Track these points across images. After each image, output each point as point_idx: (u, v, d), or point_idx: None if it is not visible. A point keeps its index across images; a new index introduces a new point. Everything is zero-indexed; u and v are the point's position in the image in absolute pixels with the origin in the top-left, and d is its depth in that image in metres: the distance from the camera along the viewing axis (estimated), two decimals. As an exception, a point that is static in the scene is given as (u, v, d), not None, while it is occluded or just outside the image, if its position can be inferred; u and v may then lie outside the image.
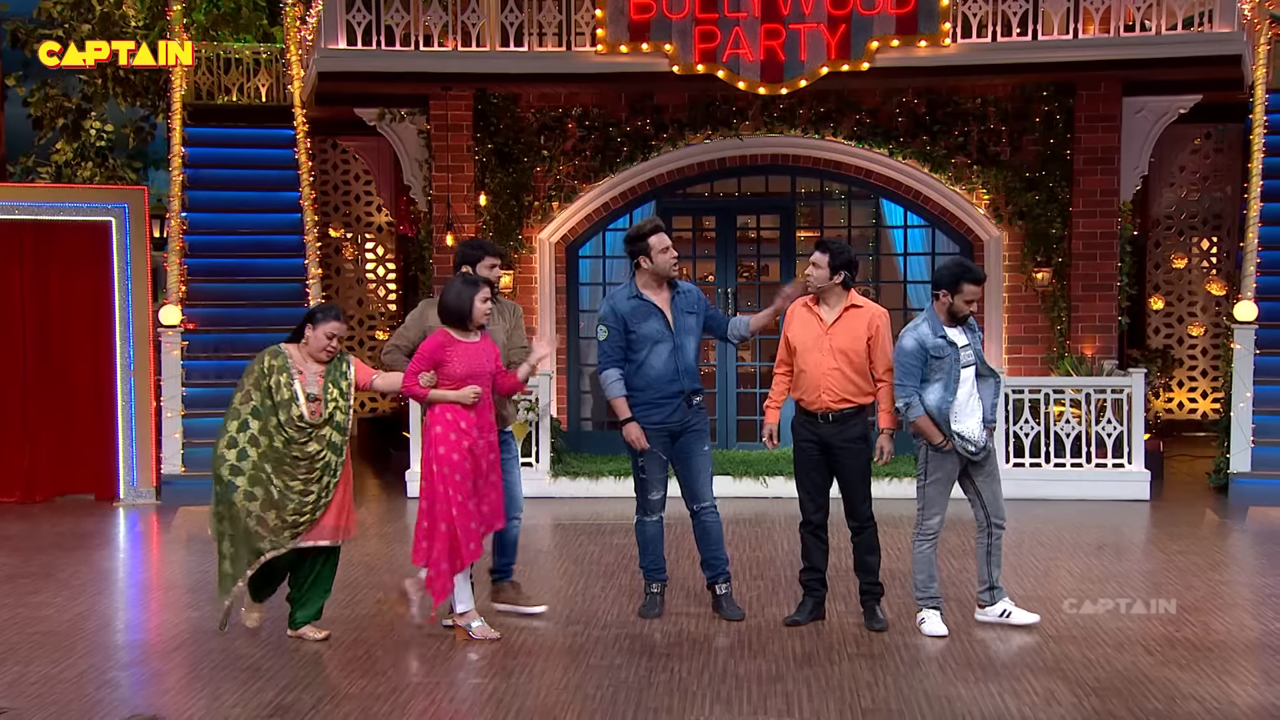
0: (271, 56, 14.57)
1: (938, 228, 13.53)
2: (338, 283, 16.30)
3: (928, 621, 7.33)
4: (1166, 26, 12.20)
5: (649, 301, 7.51)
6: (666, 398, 7.46)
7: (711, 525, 7.63)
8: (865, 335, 7.26)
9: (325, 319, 7.15)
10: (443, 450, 7.06)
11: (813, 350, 7.29)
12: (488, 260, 7.60)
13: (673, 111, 13.36)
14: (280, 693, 6.36)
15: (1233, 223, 14.98)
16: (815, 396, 7.28)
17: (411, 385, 7.13)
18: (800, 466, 7.45)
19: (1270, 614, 7.71)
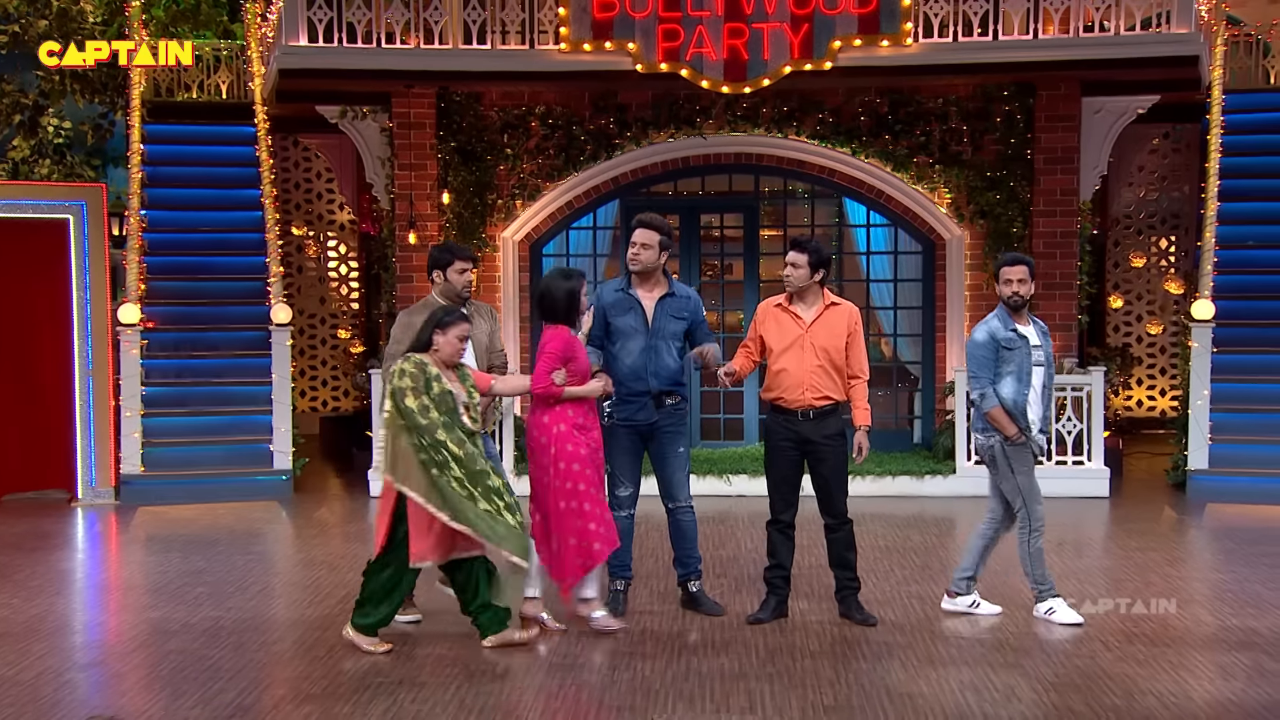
0: (232, 53, 14.46)
1: (900, 227, 13.60)
2: (300, 281, 16.20)
3: (1057, 611, 7.41)
4: (1125, 27, 12.31)
5: (633, 295, 7.54)
6: (634, 395, 7.47)
7: (687, 524, 7.66)
8: (845, 333, 7.35)
9: (452, 322, 6.93)
10: (570, 448, 7.04)
11: (794, 349, 7.33)
12: (458, 264, 7.57)
13: (636, 110, 13.35)
14: (241, 693, 6.32)
15: (1190, 222, 15.13)
16: (799, 395, 7.31)
17: (549, 385, 7.00)
18: (775, 464, 7.47)
19: (1227, 610, 7.80)
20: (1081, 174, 13.16)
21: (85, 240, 12.15)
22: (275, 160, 14.33)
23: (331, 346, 16.42)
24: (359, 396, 15.45)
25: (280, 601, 8.36)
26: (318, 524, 11.11)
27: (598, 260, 14.05)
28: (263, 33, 13.83)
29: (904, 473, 12.03)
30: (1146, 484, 12.64)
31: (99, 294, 12.12)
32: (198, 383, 12.79)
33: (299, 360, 15.81)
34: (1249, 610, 7.77)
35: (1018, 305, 7.39)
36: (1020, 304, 7.39)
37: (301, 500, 12.05)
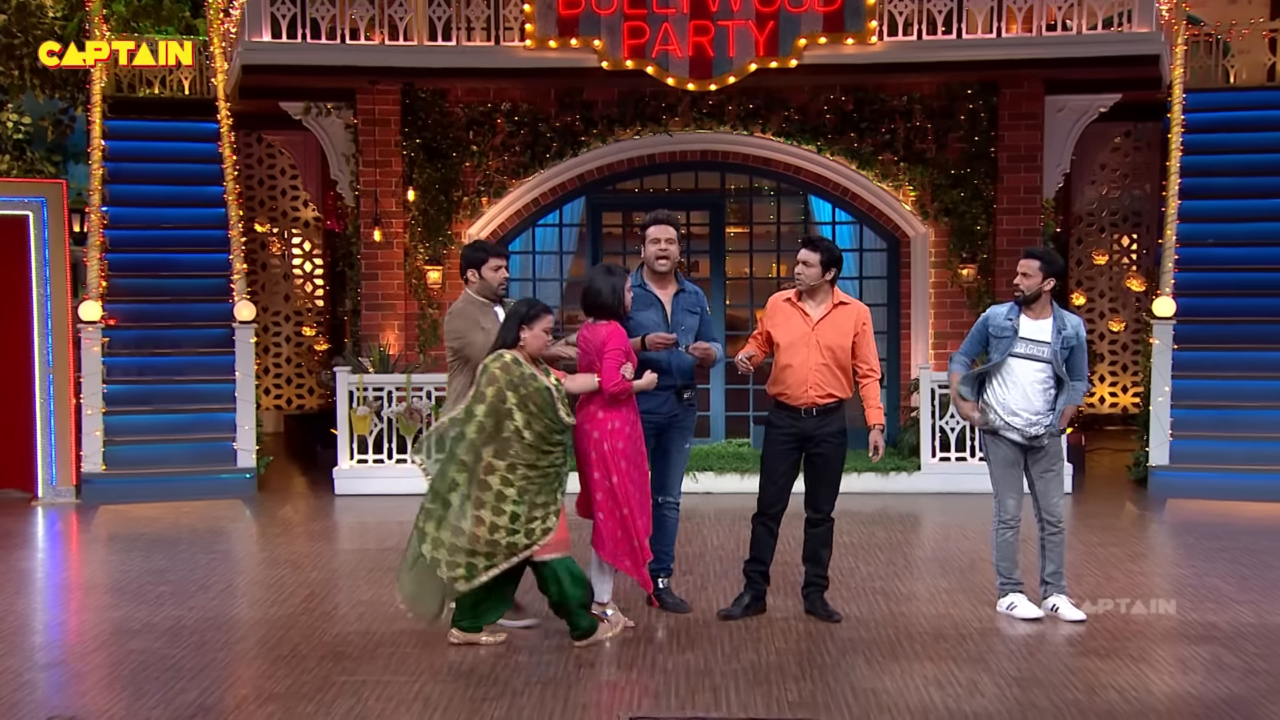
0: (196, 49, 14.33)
1: (865, 224, 13.65)
2: (264, 278, 16.10)
3: (1017, 606, 7.47)
4: (1087, 26, 12.40)
5: (650, 292, 7.53)
6: (658, 389, 7.43)
7: (672, 521, 7.68)
8: (852, 332, 7.35)
9: (538, 315, 6.84)
10: (622, 445, 7.02)
11: (799, 346, 7.33)
12: (493, 261, 7.50)
13: (602, 107, 13.35)
14: (203, 693, 6.27)
15: (1152, 220, 15.26)
16: (802, 392, 7.31)
17: (621, 381, 6.95)
18: (771, 459, 7.46)
19: (1187, 604, 7.86)
20: (1045, 172, 13.26)
21: (45, 237, 12.02)
22: (239, 157, 14.23)
23: (296, 344, 16.33)
24: (324, 394, 15.38)
25: (243, 600, 8.30)
26: (281, 522, 11.04)
27: (564, 258, 14.05)
28: (225, 28, 13.74)
29: (869, 470, 12.06)
30: (1108, 480, 12.74)
31: (59, 291, 12.00)
32: (160, 380, 12.69)
33: (263, 358, 15.71)
34: (1208, 605, 7.84)
35: (1018, 298, 7.45)
36: (1022, 297, 7.42)
37: (265, 498, 11.98)
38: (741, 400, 13.72)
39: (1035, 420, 7.38)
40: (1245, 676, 6.50)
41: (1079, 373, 7.43)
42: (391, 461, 12.08)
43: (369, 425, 12.04)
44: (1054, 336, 7.36)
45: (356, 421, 12.03)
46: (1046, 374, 7.37)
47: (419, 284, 13.38)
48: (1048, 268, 7.39)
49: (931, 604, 7.85)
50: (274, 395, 16.17)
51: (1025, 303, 7.44)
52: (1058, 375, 7.36)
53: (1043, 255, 7.48)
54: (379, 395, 12.10)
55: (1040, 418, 7.38)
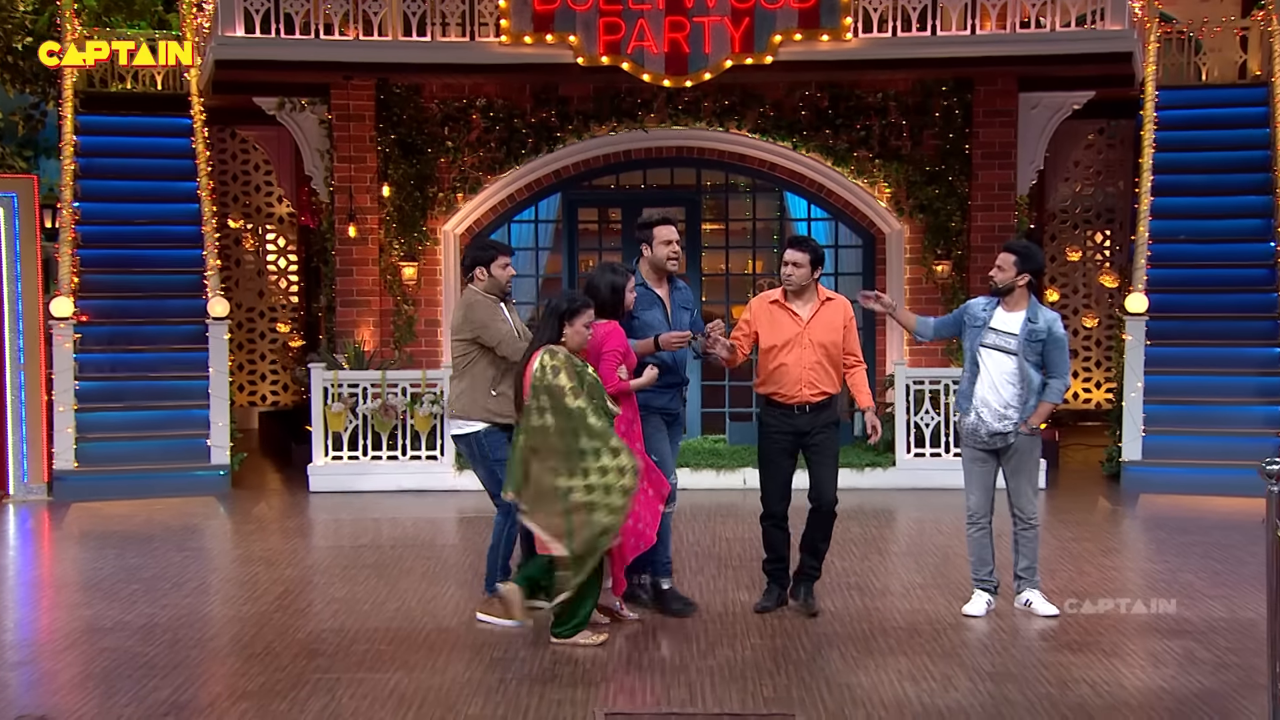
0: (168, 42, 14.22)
1: (840, 220, 13.68)
2: (238, 274, 16.01)
3: (970, 602, 7.54)
4: (1061, 24, 12.45)
5: (653, 291, 7.55)
6: (665, 387, 7.48)
7: (666, 519, 7.64)
8: (842, 326, 7.46)
9: (579, 309, 6.85)
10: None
11: (792, 346, 7.37)
12: (501, 259, 7.58)
13: (578, 103, 13.33)
14: (176, 691, 6.24)
15: (1125, 216, 15.33)
16: (796, 390, 7.36)
17: (618, 382, 6.99)
18: (771, 459, 7.49)
19: (1159, 598, 7.91)
20: (1019, 169, 13.31)
21: (16, 232, 11.95)
22: (212, 152, 14.15)
23: (270, 340, 16.25)
24: (298, 391, 15.31)
25: (217, 598, 8.26)
26: (255, 520, 11.00)
27: (540, 254, 14.02)
28: (198, 23, 13.65)
29: (845, 465, 11.97)
30: (1082, 475, 12.80)
31: (30, 287, 11.92)
32: (133, 377, 12.61)
33: (237, 354, 15.63)
34: (1181, 600, 7.89)
35: (993, 290, 7.49)
36: (995, 289, 7.46)
37: (239, 496, 11.92)
38: (717, 396, 13.73)
39: (1004, 412, 7.39)
40: (1217, 670, 6.55)
41: (1056, 370, 7.41)
42: (366, 458, 12.04)
43: (344, 422, 12.00)
44: (1021, 328, 7.37)
45: (331, 418, 11.99)
46: (1015, 366, 7.37)
47: (394, 280, 13.34)
48: (1023, 263, 7.39)
49: (906, 599, 7.87)
50: (248, 392, 16.09)
51: (1000, 295, 7.47)
52: (1027, 369, 7.35)
53: (1020, 250, 7.48)
54: (354, 392, 12.06)
55: (1009, 410, 7.38)
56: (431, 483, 11.96)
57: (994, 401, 7.40)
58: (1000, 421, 7.39)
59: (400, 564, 9.00)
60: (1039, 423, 7.44)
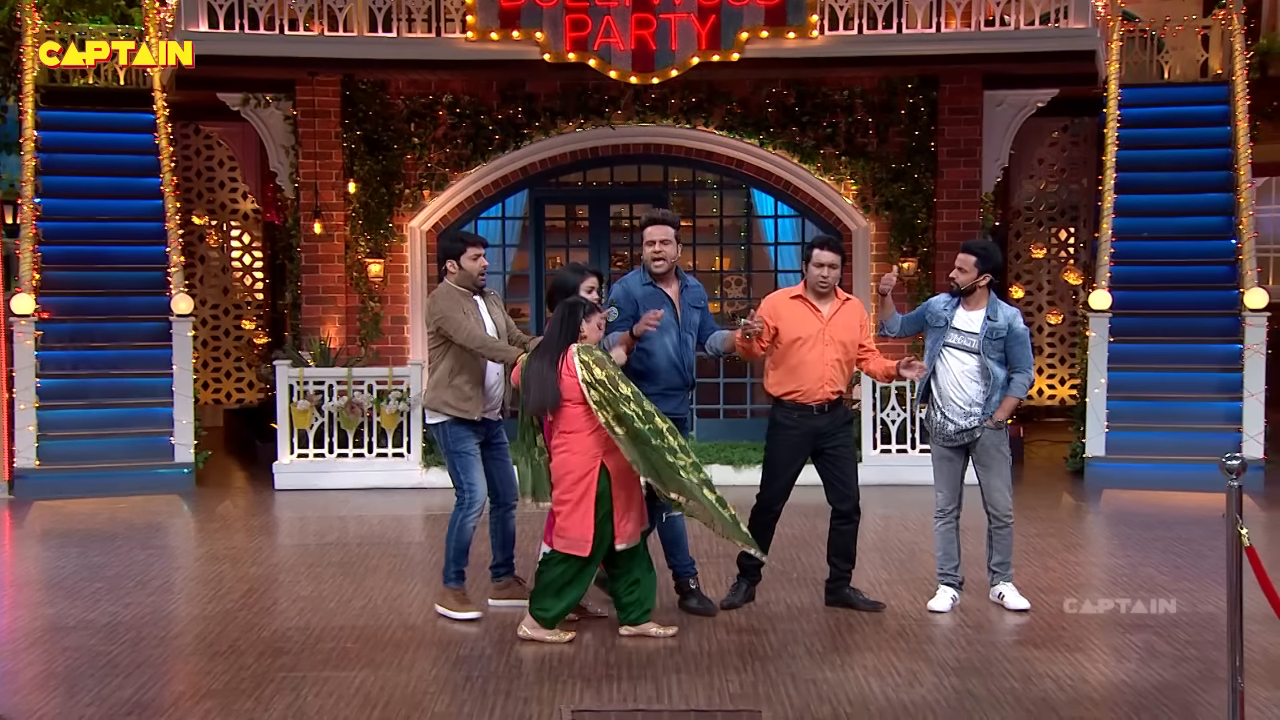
0: (130, 38, 14.10)
1: (807, 218, 13.72)
2: (202, 271, 15.91)
3: (935, 598, 7.58)
4: (1025, 22, 12.52)
5: (661, 290, 7.48)
6: (673, 389, 7.44)
7: (680, 521, 7.62)
8: (859, 324, 7.49)
9: (591, 310, 6.90)
10: None
11: (814, 344, 7.36)
12: (471, 250, 7.49)
13: (545, 100, 13.31)
14: (139, 690, 6.20)
15: (1088, 214, 15.45)
16: (819, 388, 7.36)
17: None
18: (783, 458, 7.46)
19: (1122, 593, 7.98)
20: (983, 166, 13.39)
21: (-23, 229, 11.81)
22: (175, 148, 14.03)
23: (235, 338, 16.15)
24: (264, 388, 15.23)
25: (181, 596, 8.22)
26: (220, 518, 10.93)
27: (506, 250, 13.99)
28: (161, 18, 13.52)
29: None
30: (1046, 471, 12.89)
31: (-9, 284, 11.80)
32: (96, 374, 12.50)
33: (202, 351, 15.53)
34: (1142, 593, 7.96)
35: (954, 290, 7.52)
36: (956, 289, 7.50)
37: (204, 494, 11.84)
38: (684, 393, 13.71)
39: (968, 410, 7.43)
40: (1177, 664, 6.61)
41: (1020, 365, 7.47)
42: (332, 456, 11.99)
43: (310, 419, 11.94)
44: (981, 326, 7.42)
45: (297, 415, 11.93)
46: (977, 363, 7.42)
47: (360, 277, 13.29)
48: (983, 263, 7.44)
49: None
50: (213, 389, 15.99)
51: (961, 295, 7.51)
52: (990, 365, 7.39)
53: (979, 250, 7.51)
54: (320, 389, 12.00)
55: (973, 407, 7.43)
56: (398, 480, 11.92)
57: (958, 399, 7.45)
58: (965, 419, 7.44)
59: (366, 561, 8.97)
60: (1004, 417, 7.49)
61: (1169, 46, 14.43)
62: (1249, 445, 11.76)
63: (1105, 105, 13.48)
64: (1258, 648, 6.63)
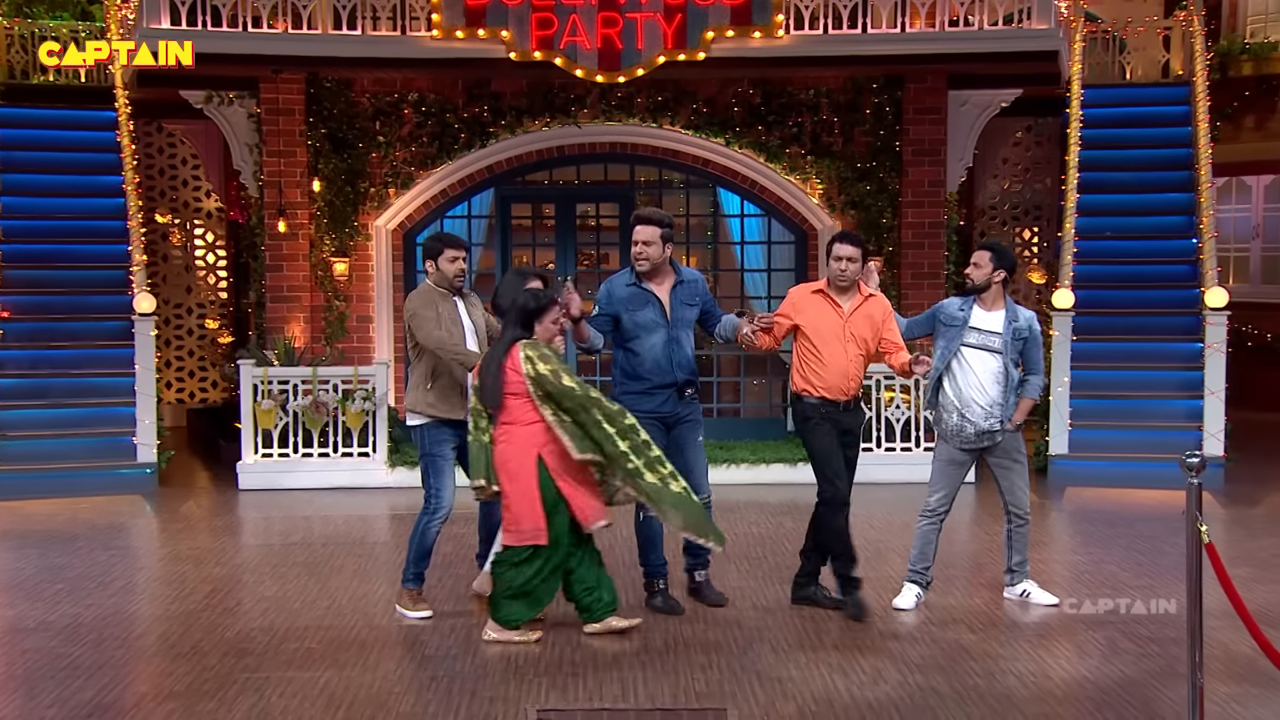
0: (91, 35, 13.98)
1: (773, 217, 13.75)
2: (165, 270, 15.78)
3: (900, 595, 7.62)
4: (988, 22, 12.59)
5: (647, 290, 7.44)
6: (659, 387, 7.41)
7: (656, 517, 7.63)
8: (882, 322, 7.44)
9: (545, 307, 6.90)
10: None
11: (834, 340, 7.34)
12: (449, 252, 7.51)
13: (511, 98, 13.28)
14: (100, 691, 6.15)
15: (1052, 213, 15.55)
16: (844, 384, 7.33)
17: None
18: (824, 445, 7.37)
19: (1084, 590, 8.03)
20: (948, 166, 13.44)
21: (-65, 227, 11.68)
22: (138, 146, 13.92)
23: (199, 337, 16.04)
24: (228, 388, 15.13)
25: (143, 597, 8.16)
26: (183, 518, 10.85)
27: (473, 249, 13.95)
28: (123, 14, 13.40)
29: (778, 460, 12.16)
30: (1010, 469, 12.94)
31: (-50, 283, 11.67)
32: (56, 374, 12.38)
33: (165, 351, 15.41)
34: (1105, 591, 8.02)
35: (969, 288, 7.55)
36: (971, 287, 7.52)
37: (166, 494, 11.75)
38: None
39: (990, 411, 7.43)
40: (1138, 660, 6.67)
41: (1035, 366, 7.55)
42: (297, 456, 11.92)
43: (274, 419, 11.87)
44: (1005, 327, 7.44)
45: (261, 415, 11.86)
46: (999, 364, 7.44)
47: (325, 276, 13.22)
48: (999, 259, 7.49)
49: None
50: (176, 389, 15.87)
51: (975, 293, 7.52)
52: (1010, 367, 7.43)
53: (995, 247, 7.59)
54: (284, 389, 11.93)
55: (995, 408, 7.43)
56: (363, 480, 11.86)
57: (981, 402, 7.44)
58: (987, 420, 7.45)
59: (331, 561, 8.93)
60: (1021, 419, 7.54)
61: (1131, 47, 14.56)
62: (1210, 443, 11.86)
63: (1068, 105, 13.58)
64: (1217, 644, 6.69)
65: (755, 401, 13.74)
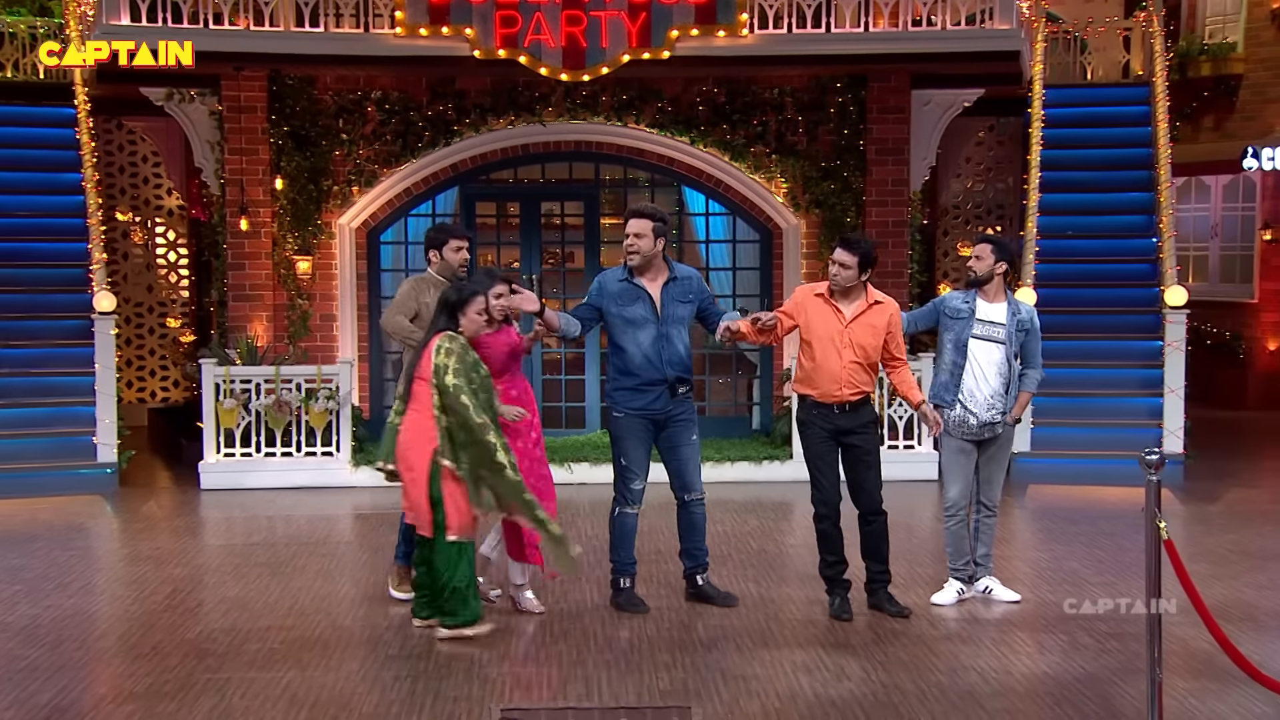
0: (49, 31, 13.84)
1: (738, 215, 13.76)
2: (126, 268, 15.63)
3: (943, 590, 7.68)
4: (951, 22, 12.66)
5: (639, 285, 7.44)
6: (649, 384, 7.39)
7: (699, 516, 7.61)
8: (885, 330, 7.32)
9: (470, 299, 6.96)
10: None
11: (830, 345, 7.28)
12: (454, 243, 7.65)
13: (475, 96, 13.23)
14: (59, 693, 6.09)
15: (1014, 212, 15.63)
16: (837, 389, 7.28)
17: None
18: (816, 453, 7.37)
19: (1045, 587, 8.10)
20: (912, 165, 13.50)
21: (-109, 224, 11.53)
22: (98, 143, 13.79)
23: (160, 336, 15.89)
24: (189, 387, 15.00)
25: (103, 598, 8.08)
26: (144, 518, 10.76)
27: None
28: (82, 10, 13.27)
29: (743, 458, 12.20)
30: (973, 466, 13.02)
31: (-94, 281, 11.52)
32: (14, 373, 12.24)
33: (125, 350, 15.27)
34: (1065, 587, 8.09)
35: (971, 280, 7.57)
36: (973, 279, 7.55)
37: (127, 494, 11.65)
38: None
39: (993, 402, 7.47)
40: (1098, 656, 6.73)
41: (1033, 360, 7.60)
42: (260, 455, 11.84)
43: (236, 418, 11.79)
44: (1009, 319, 7.50)
45: (223, 414, 11.77)
46: (1003, 355, 7.49)
47: (288, 274, 13.13)
48: (999, 251, 7.57)
49: (802, 590, 7.95)
50: (137, 388, 15.74)
51: (978, 285, 7.55)
52: (1010, 360, 7.48)
53: (995, 240, 7.68)
54: (247, 388, 11.85)
55: (996, 399, 7.48)
56: (326, 479, 11.80)
57: (983, 392, 7.49)
58: (989, 412, 7.49)
59: (294, 561, 8.88)
60: (1020, 413, 7.60)
61: (1091, 48, 14.69)
62: (1169, 440, 11.97)
63: (1030, 105, 13.67)
64: (1176, 639, 6.75)
65: (720, 400, 13.76)
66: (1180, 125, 16.14)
